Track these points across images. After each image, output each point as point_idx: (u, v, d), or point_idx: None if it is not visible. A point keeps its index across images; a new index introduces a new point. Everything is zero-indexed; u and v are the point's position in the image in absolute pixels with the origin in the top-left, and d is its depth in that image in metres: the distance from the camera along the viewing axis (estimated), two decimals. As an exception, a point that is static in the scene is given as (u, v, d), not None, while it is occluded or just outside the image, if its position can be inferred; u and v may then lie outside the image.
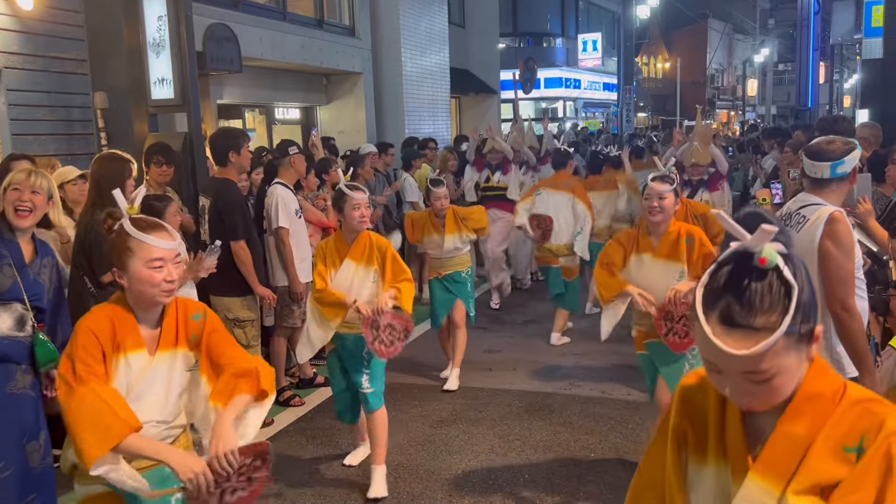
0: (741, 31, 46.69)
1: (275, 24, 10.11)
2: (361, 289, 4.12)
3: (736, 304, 1.18)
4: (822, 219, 3.02)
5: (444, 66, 14.95)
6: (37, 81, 6.58)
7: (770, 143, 9.76)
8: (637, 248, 3.99)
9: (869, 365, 3.03)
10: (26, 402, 3.23)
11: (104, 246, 4.14)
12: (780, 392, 1.24)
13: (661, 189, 3.83)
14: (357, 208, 4.06)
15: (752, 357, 1.17)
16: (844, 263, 2.98)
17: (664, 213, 3.85)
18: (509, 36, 23.70)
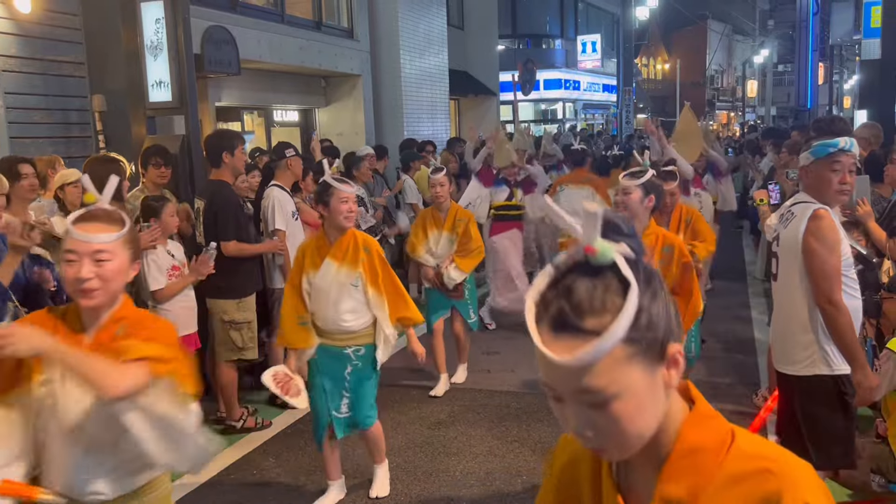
0: (741, 32, 46.75)
1: (273, 26, 10.12)
2: (341, 294, 3.79)
3: (566, 305, 0.97)
4: (806, 215, 3.05)
5: (443, 67, 14.96)
6: (34, 84, 6.59)
7: (767, 144, 9.77)
8: None
9: (861, 359, 3.04)
10: None
11: None
12: (631, 427, 1.00)
13: (626, 184, 3.62)
14: (345, 202, 3.72)
15: (580, 367, 0.95)
16: (828, 259, 3.01)
17: (629, 210, 3.57)
18: (508, 37, 23.71)
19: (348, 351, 3.87)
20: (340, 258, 3.78)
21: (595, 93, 28.59)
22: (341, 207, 3.71)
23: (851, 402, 3.13)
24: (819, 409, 3.14)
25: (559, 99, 26.52)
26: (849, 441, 3.19)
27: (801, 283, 3.12)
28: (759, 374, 5.82)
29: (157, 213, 4.52)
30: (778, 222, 3.36)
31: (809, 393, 3.17)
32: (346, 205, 3.72)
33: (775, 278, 3.36)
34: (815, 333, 3.10)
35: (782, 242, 3.24)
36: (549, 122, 26.59)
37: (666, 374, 1.02)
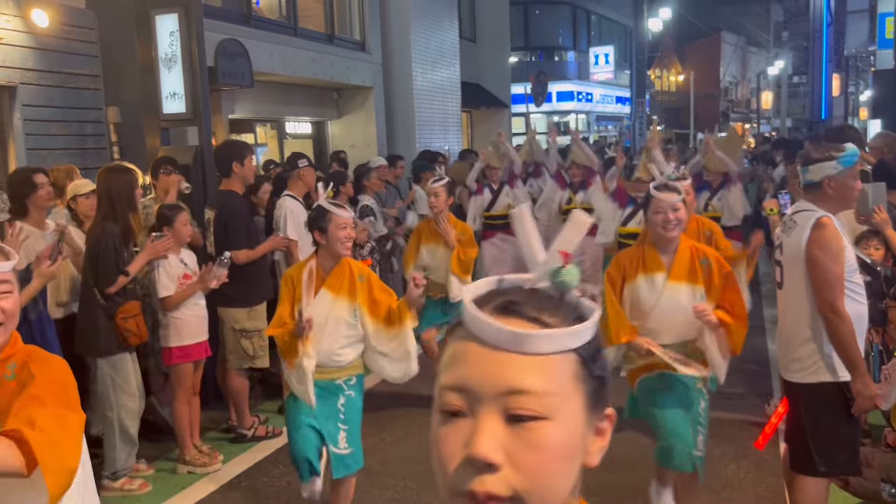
0: (755, 44, 46.62)
1: (286, 39, 10.22)
2: (337, 328, 3.53)
3: (521, 299, 0.84)
4: (809, 223, 3.06)
5: (455, 80, 15.03)
6: (51, 97, 6.69)
7: (779, 154, 9.74)
8: (644, 267, 3.44)
9: (861, 367, 3.04)
10: None
11: (109, 257, 4.22)
12: (554, 467, 0.80)
13: (672, 200, 3.33)
14: (343, 228, 3.48)
15: (525, 354, 0.80)
16: (831, 267, 3.01)
17: (681, 226, 3.38)
18: (521, 50, 23.79)
19: (340, 381, 3.62)
20: (337, 288, 3.54)
21: (608, 105, 28.60)
22: (339, 234, 3.48)
23: None
24: (823, 417, 3.14)
25: (572, 111, 26.54)
26: (854, 448, 3.18)
27: (804, 291, 3.12)
28: (773, 384, 5.78)
29: (170, 222, 4.57)
30: (781, 230, 3.37)
31: (814, 400, 3.16)
32: (344, 231, 3.49)
33: (780, 286, 3.36)
34: (818, 341, 3.10)
35: (785, 251, 3.25)
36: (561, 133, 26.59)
37: (593, 441, 0.86)
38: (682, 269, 3.39)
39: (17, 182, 4.44)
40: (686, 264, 3.39)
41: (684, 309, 3.31)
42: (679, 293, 3.37)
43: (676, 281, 3.37)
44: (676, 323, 3.37)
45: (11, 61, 6.36)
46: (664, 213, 3.33)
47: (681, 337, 3.43)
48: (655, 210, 3.36)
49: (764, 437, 3.96)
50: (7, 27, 6.27)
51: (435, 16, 14.11)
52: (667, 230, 3.33)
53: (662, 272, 3.40)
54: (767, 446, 4.03)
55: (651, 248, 3.46)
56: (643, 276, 3.43)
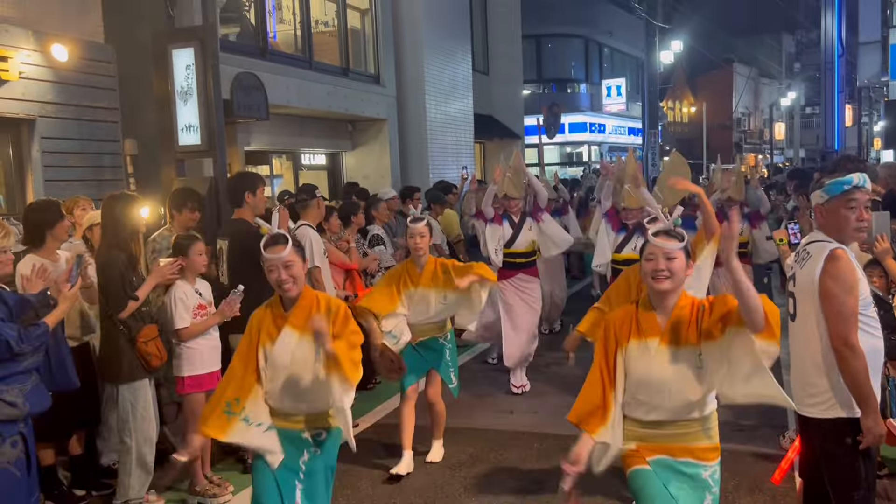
0: (767, 75, 46.77)
1: (301, 72, 10.36)
2: (304, 370, 3.17)
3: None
4: (822, 255, 3.02)
5: (468, 112, 15.16)
6: (69, 129, 6.81)
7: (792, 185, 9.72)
8: (637, 330, 2.93)
9: (873, 405, 2.98)
10: None
11: (117, 284, 4.26)
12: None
13: (667, 247, 2.84)
14: (272, 270, 3.12)
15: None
16: (846, 300, 2.96)
17: (673, 279, 2.85)
18: (533, 82, 23.99)
19: (306, 435, 3.25)
20: (301, 326, 3.17)
21: (620, 136, 28.70)
22: (271, 276, 3.14)
23: None
24: (839, 452, 3.08)
25: (584, 142, 26.67)
26: (869, 484, 3.12)
27: (817, 324, 3.07)
28: (787, 416, 5.71)
29: (185, 251, 4.60)
30: (794, 261, 3.34)
31: (829, 435, 3.11)
32: (273, 274, 3.12)
33: (792, 318, 3.33)
34: (832, 376, 3.05)
35: (798, 282, 3.21)
36: (574, 164, 26.68)
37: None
38: (678, 329, 2.87)
39: (41, 210, 4.48)
40: (683, 323, 2.87)
41: (674, 380, 2.86)
42: (669, 361, 2.87)
43: (668, 345, 2.87)
44: (670, 396, 2.88)
45: (31, 95, 6.49)
46: (655, 262, 2.85)
47: (677, 414, 2.91)
48: (648, 256, 2.89)
49: (780, 471, 3.91)
50: (28, 61, 6.41)
51: (448, 49, 14.28)
52: (657, 281, 2.84)
53: (656, 337, 2.89)
54: (783, 480, 3.98)
55: (645, 305, 2.97)
56: (636, 342, 2.92)
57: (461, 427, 5.82)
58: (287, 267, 3.11)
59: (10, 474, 3.21)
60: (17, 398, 3.21)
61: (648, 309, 2.94)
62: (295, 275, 3.14)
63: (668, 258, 2.84)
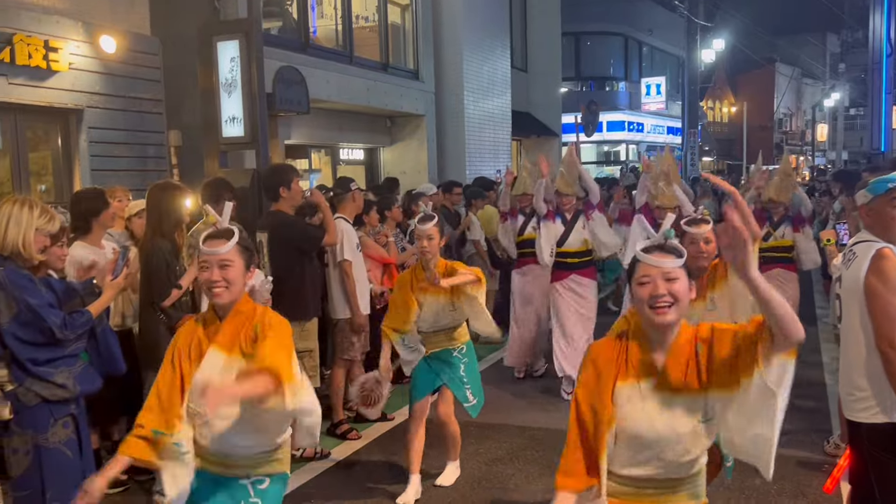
0: (810, 76, 45.96)
1: (342, 67, 10.41)
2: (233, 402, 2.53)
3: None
4: (868, 255, 2.96)
5: (506, 109, 15.11)
6: (116, 120, 6.91)
7: (837, 186, 9.54)
8: (629, 369, 2.28)
9: None
10: None
11: (162, 272, 4.31)
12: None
13: (665, 265, 2.21)
14: (206, 268, 2.57)
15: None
16: (891, 300, 2.89)
17: (678, 306, 2.20)
18: (572, 80, 23.84)
19: (244, 481, 2.66)
20: (229, 346, 2.61)
21: (659, 135, 28.41)
22: (202, 275, 2.61)
23: None
24: (886, 458, 3.00)
25: (622, 141, 26.45)
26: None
27: (862, 326, 3.01)
28: (831, 420, 5.60)
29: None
30: (841, 263, 3.27)
31: (877, 440, 3.03)
32: (205, 273, 2.58)
33: (840, 321, 3.26)
34: (876, 379, 2.98)
35: (844, 283, 3.15)
36: (611, 163, 26.47)
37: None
38: (675, 370, 2.23)
39: (88, 199, 4.56)
40: (683, 362, 2.24)
41: (670, 430, 2.22)
42: (665, 409, 2.23)
43: (664, 391, 2.24)
44: (664, 447, 2.25)
45: (80, 85, 6.60)
46: (652, 284, 2.20)
47: (670, 471, 2.29)
48: (640, 280, 2.24)
49: (832, 480, 3.82)
50: (77, 52, 6.52)
51: (487, 46, 14.25)
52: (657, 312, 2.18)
53: (653, 377, 2.25)
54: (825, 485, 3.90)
55: (641, 339, 2.30)
56: (626, 385, 2.26)
57: (496, 423, 5.80)
58: (223, 267, 2.57)
59: (62, 454, 3.27)
60: (67, 380, 3.26)
61: (644, 342, 2.28)
62: (230, 278, 2.57)
63: (668, 279, 2.18)
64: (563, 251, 6.64)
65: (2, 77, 6.01)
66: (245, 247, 2.65)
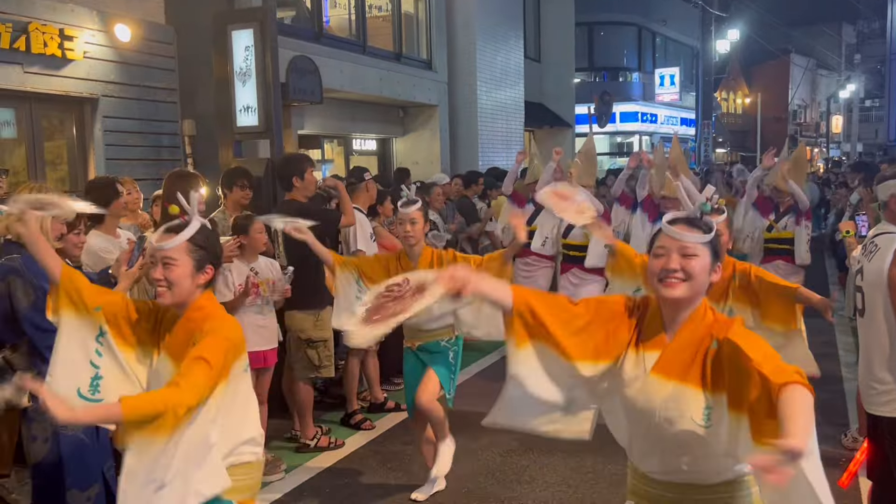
0: (825, 67, 45.53)
1: (355, 57, 10.38)
2: None
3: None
4: (892, 247, 2.92)
5: (519, 99, 15.04)
6: (130, 109, 6.92)
7: (855, 178, 9.46)
8: (639, 340, 2.12)
9: None
10: None
11: None
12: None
13: (685, 239, 2.04)
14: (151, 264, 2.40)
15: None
16: None
17: (691, 283, 2.01)
18: (585, 70, 23.71)
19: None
20: (178, 356, 2.34)
21: (673, 126, 28.20)
22: (151, 273, 2.40)
23: None
24: None
25: (635, 132, 26.28)
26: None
27: (885, 318, 2.98)
28: (848, 414, 5.56)
29: (244, 231, 4.63)
30: (861, 255, 3.24)
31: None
32: (151, 269, 2.40)
33: (861, 314, 3.22)
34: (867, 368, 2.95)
35: (866, 276, 3.12)
36: (624, 154, 26.34)
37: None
38: (681, 354, 2.02)
39: (99, 187, 4.55)
40: (692, 347, 2.02)
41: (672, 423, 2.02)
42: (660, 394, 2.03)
43: (663, 377, 2.03)
44: (663, 446, 2.08)
45: (95, 74, 6.61)
46: (666, 257, 2.05)
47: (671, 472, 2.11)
48: (655, 252, 2.09)
49: (848, 474, 3.79)
50: (91, 41, 6.52)
51: (500, 36, 14.17)
52: (664, 285, 2.04)
53: (656, 352, 2.07)
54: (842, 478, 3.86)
55: (655, 313, 2.13)
56: (633, 353, 2.11)
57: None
58: (166, 265, 2.34)
59: (80, 440, 3.28)
60: None
61: (657, 317, 2.12)
62: (172, 279, 2.34)
63: (685, 255, 2.01)
64: (567, 243, 6.52)
65: (17, 66, 6.02)
66: (199, 245, 2.41)
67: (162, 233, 2.41)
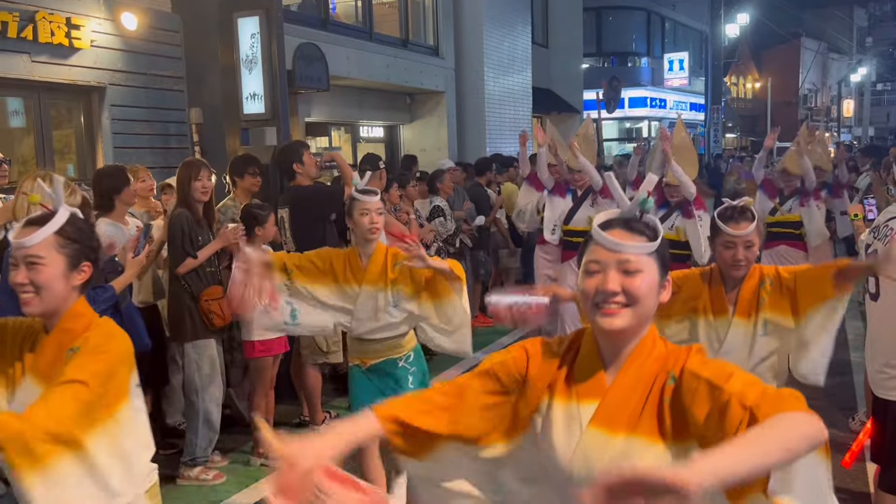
0: (836, 51, 45.11)
1: (362, 43, 10.36)
2: None
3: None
4: None
5: (527, 85, 14.98)
6: (137, 98, 6.93)
7: (866, 162, 9.41)
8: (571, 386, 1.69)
9: None
10: None
11: (178, 239, 4.36)
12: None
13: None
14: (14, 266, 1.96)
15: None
16: None
17: (638, 308, 1.58)
18: (593, 56, 23.57)
19: None
20: (47, 375, 1.97)
21: (682, 111, 28.05)
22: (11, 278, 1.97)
23: None
24: None
25: (644, 117, 26.15)
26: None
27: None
28: (856, 398, 5.55)
29: (262, 221, 4.65)
30: (874, 238, 3.22)
31: None
32: (12, 272, 1.97)
33: (874, 298, 3.21)
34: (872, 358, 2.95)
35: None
36: (632, 140, 26.23)
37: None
38: (624, 401, 1.64)
39: (109, 176, 4.58)
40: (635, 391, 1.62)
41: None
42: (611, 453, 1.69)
43: (606, 430, 1.62)
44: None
45: (102, 63, 6.62)
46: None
47: None
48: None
49: (851, 454, 3.80)
50: (98, 30, 6.53)
51: (508, 21, 14.10)
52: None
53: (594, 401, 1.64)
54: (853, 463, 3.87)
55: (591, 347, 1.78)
56: (561, 403, 1.69)
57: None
58: (30, 266, 1.94)
59: None
60: None
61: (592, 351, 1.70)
62: (39, 282, 1.94)
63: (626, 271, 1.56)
64: (569, 229, 6.30)
65: (25, 55, 6.04)
66: (71, 238, 1.99)
67: (22, 227, 1.98)
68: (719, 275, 2.90)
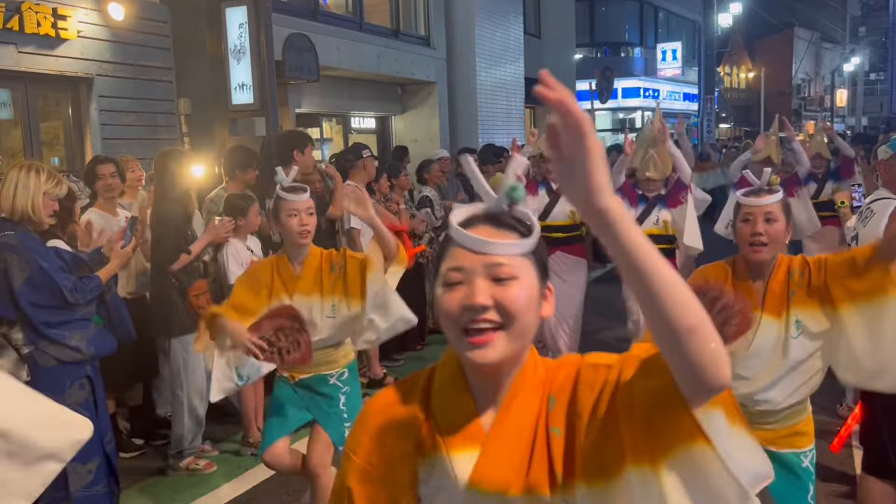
0: (829, 40, 45.14)
1: (352, 34, 10.32)
2: None
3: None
4: (887, 212, 2.92)
5: (519, 76, 14.95)
6: (126, 88, 6.90)
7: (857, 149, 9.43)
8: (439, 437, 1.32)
9: None
10: None
11: (172, 236, 4.34)
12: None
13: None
14: None
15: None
16: None
17: (515, 328, 1.19)
18: (586, 46, 23.55)
19: None
20: None
21: (675, 101, 28.06)
22: None
23: None
24: None
25: (637, 108, 26.15)
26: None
27: None
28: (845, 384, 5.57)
29: (243, 212, 4.64)
30: (857, 221, 3.23)
31: (892, 406, 3.01)
32: None
33: None
34: None
35: (861, 241, 3.11)
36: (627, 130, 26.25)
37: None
38: (508, 448, 1.26)
39: (86, 171, 4.66)
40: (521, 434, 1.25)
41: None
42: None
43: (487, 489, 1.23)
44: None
45: (89, 53, 6.58)
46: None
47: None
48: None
49: (839, 439, 3.82)
50: (85, 20, 6.50)
51: (500, 11, 14.07)
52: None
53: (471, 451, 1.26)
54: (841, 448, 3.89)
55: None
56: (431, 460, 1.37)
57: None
58: None
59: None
60: (81, 342, 3.31)
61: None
62: None
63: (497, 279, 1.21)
64: (547, 225, 5.79)
65: (11, 46, 6.00)
66: None
67: None
68: (744, 266, 2.54)
